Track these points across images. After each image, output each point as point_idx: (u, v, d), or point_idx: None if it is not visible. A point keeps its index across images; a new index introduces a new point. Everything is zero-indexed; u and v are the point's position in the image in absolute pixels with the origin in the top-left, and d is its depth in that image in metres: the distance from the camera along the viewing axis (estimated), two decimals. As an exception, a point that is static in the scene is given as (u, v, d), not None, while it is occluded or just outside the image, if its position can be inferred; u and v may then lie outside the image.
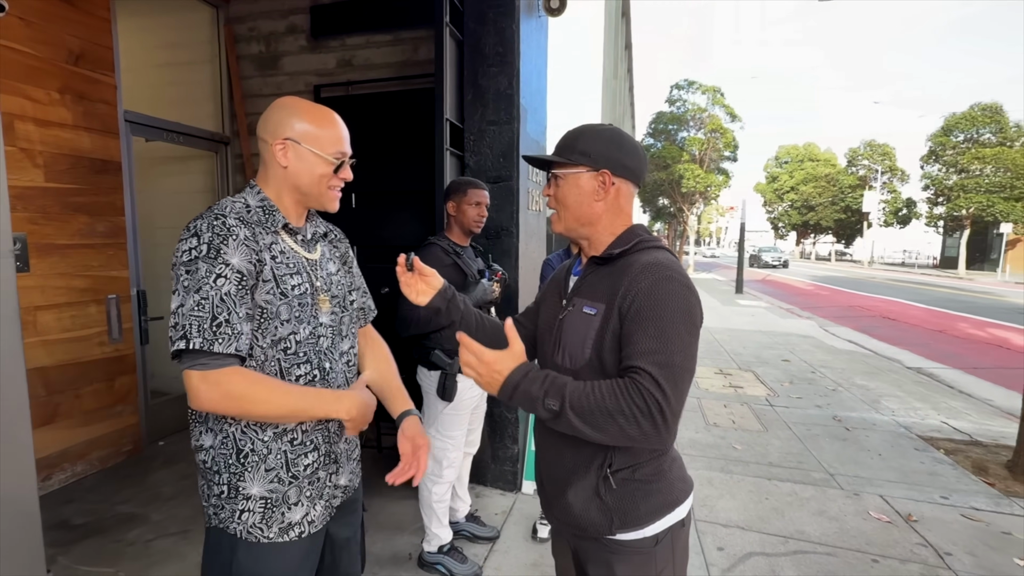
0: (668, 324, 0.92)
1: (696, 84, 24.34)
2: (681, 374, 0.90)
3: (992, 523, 2.69)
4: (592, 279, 1.08)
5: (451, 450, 2.13)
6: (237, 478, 1.00)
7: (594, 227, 1.08)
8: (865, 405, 4.70)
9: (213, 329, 0.90)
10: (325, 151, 1.04)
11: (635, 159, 1.08)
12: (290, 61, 3.60)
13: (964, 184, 26.72)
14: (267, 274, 0.99)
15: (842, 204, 35.89)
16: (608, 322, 1.00)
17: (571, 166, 1.06)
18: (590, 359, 1.02)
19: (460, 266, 2.05)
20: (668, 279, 0.96)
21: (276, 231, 1.04)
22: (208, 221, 0.95)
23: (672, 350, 0.90)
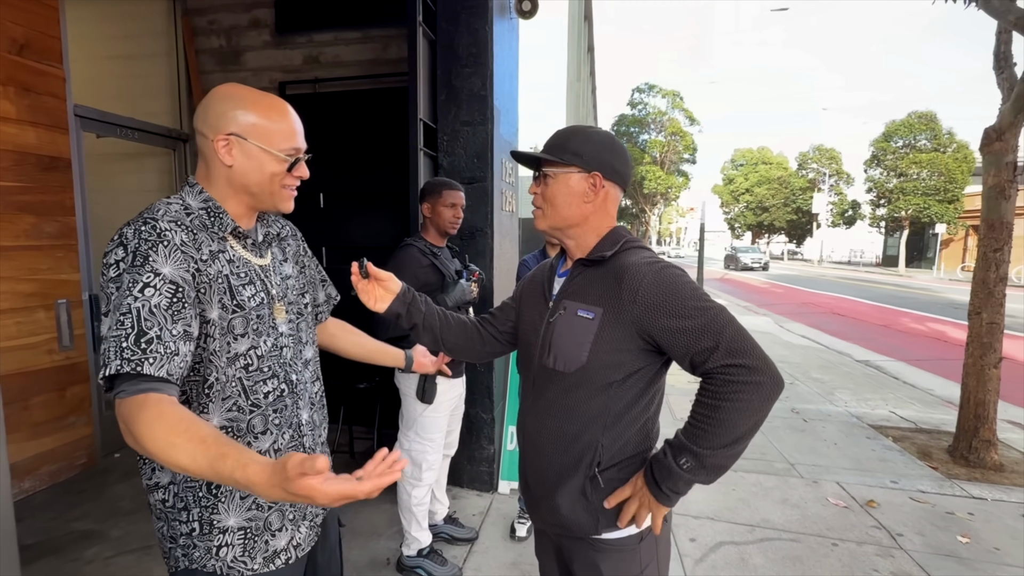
0: (689, 298, 0.95)
1: (656, 88, 24.96)
2: (731, 324, 0.93)
3: (937, 504, 2.89)
4: (582, 281, 1.07)
5: (430, 452, 2.11)
6: (210, 511, 0.91)
7: (580, 228, 1.08)
8: (821, 397, 4.95)
9: (141, 346, 0.75)
10: (276, 147, 0.92)
11: (625, 164, 1.09)
12: (253, 56, 3.50)
13: (903, 187, 28.40)
14: (218, 286, 0.89)
15: (793, 205, 37.53)
16: (607, 325, 1.00)
17: (562, 165, 1.05)
18: (588, 361, 1.01)
19: (438, 267, 2.04)
20: (663, 269, 0.99)
21: (224, 236, 0.93)
22: (135, 227, 0.83)
23: (713, 314, 0.93)
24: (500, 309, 1.29)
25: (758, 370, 0.89)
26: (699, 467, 0.93)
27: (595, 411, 1.03)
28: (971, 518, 2.75)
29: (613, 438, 1.04)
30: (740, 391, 0.89)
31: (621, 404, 1.03)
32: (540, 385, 1.10)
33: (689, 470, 0.93)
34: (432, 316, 1.22)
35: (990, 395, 3.42)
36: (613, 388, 1.02)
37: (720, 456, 0.92)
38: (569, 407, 1.05)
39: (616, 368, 1.01)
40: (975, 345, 3.50)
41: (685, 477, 0.94)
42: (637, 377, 1.03)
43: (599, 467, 1.04)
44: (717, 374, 0.91)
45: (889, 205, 29.46)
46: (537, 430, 1.10)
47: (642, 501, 1.00)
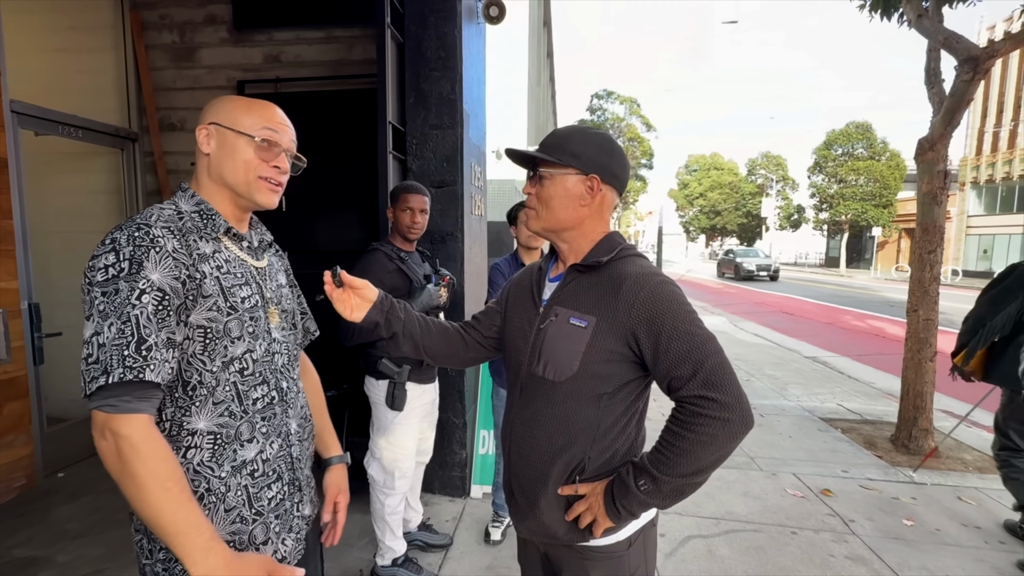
0: (682, 321, 0.94)
1: (614, 94, 25.53)
2: (715, 355, 0.91)
3: (883, 491, 3.08)
4: (575, 288, 1.04)
5: (403, 460, 2.07)
6: None
7: (575, 231, 1.06)
8: (775, 393, 5.18)
9: (143, 353, 0.77)
10: (247, 129, 0.92)
11: (623, 168, 1.07)
12: (209, 54, 3.36)
13: (843, 193, 30.16)
14: (208, 288, 0.87)
15: (744, 209, 39.22)
16: (601, 335, 0.97)
17: (560, 166, 1.02)
18: (579, 371, 0.99)
19: (405, 272, 2.00)
20: (663, 283, 0.98)
21: (217, 237, 0.93)
22: (129, 232, 0.82)
23: (700, 341, 0.92)
24: (484, 314, 1.25)
25: (729, 407, 0.88)
26: (655, 491, 0.92)
27: (585, 423, 1.01)
28: (914, 502, 2.95)
29: (601, 450, 1.02)
30: (706, 425, 0.88)
31: (611, 417, 1.01)
32: (528, 393, 1.07)
33: (646, 492, 0.93)
34: (412, 323, 1.17)
35: (927, 387, 3.69)
36: (603, 400, 1.00)
37: (678, 484, 0.91)
38: (558, 417, 1.02)
39: (607, 380, 0.99)
40: (913, 340, 3.76)
41: (640, 498, 0.93)
42: (627, 390, 1.01)
43: (581, 475, 1.02)
44: (688, 403, 0.91)
45: (831, 210, 31.19)
46: (525, 439, 1.07)
47: (592, 506, 0.99)
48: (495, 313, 1.23)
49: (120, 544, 2.33)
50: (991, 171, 26.81)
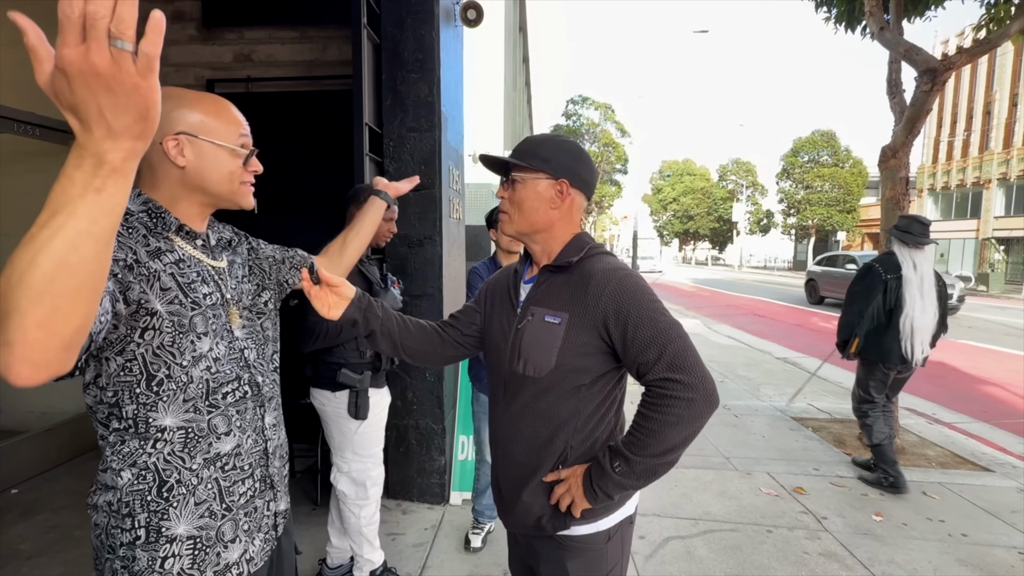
0: (646, 309, 0.99)
1: (589, 100, 25.82)
2: (679, 340, 0.97)
3: (853, 487, 3.16)
4: (549, 287, 1.10)
5: (372, 468, 2.00)
6: (159, 517, 0.85)
7: (547, 233, 1.11)
8: (748, 393, 5.28)
9: None
10: (230, 141, 0.91)
11: (591, 174, 1.13)
12: (177, 51, 3.26)
13: (809, 198, 31.22)
14: (167, 282, 0.84)
15: (716, 214, 40.11)
16: (574, 329, 1.03)
17: (531, 171, 1.07)
18: (556, 366, 1.04)
19: (364, 273, 1.94)
20: (627, 276, 1.04)
21: (168, 236, 0.89)
22: None
23: (663, 327, 0.97)
24: (463, 312, 1.27)
25: (692, 387, 0.93)
26: (629, 471, 0.97)
27: (567, 414, 1.06)
28: (882, 498, 3.03)
29: (582, 439, 1.07)
30: (672, 406, 0.93)
31: (591, 407, 1.06)
32: (511, 391, 1.11)
33: (621, 473, 0.97)
34: (390, 321, 1.18)
35: (892, 386, 3.81)
36: (582, 391, 1.05)
37: (650, 464, 0.96)
38: (541, 411, 1.07)
39: (584, 372, 1.04)
40: (879, 341, 3.88)
41: (615, 479, 0.98)
42: (604, 380, 1.06)
43: (565, 464, 1.07)
44: (655, 386, 0.96)
45: (798, 215, 32.23)
46: (510, 435, 1.11)
47: (571, 486, 1.04)
48: (474, 312, 1.26)
49: (78, 564, 2.22)
50: (946, 178, 28.13)
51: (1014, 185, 24.66)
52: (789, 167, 32.83)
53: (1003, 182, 25.03)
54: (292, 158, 3.22)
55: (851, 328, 3.16)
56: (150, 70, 0.51)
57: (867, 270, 3.18)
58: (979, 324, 10.30)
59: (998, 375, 6.48)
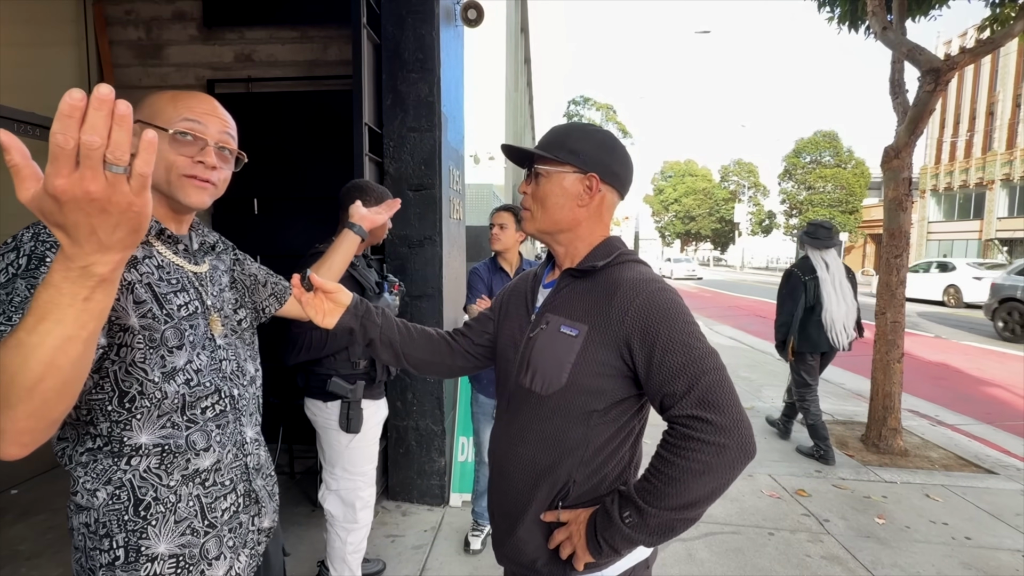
0: (679, 332, 0.85)
1: (591, 100, 25.83)
2: (715, 372, 0.83)
3: (855, 490, 3.14)
4: (568, 294, 0.98)
5: (363, 488, 1.87)
6: (138, 536, 0.82)
7: (571, 233, 0.99)
8: (750, 395, 5.26)
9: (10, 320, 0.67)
10: (164, 123, 0.84)
11: (625, 168, 1.00)
12: (177, 51, 3.26)
13: (811, 199, 31.17)
14: (140, 293, 0.81)
15: (717, 215, 40.05)
16: (592, 345, 0.90)
17: (557, 164, 0.96)
18: (567, 384, 0.91)
19: (356, 278, 1.83)
20: (661, 290, 0.90)
21: (148, 240, 0.86)
22: (35, 230, 0.74)
23: (697, 355, 0.83)
24: (477, 320, 1.18)
25: (725, 431, 0.78)
26: (641, 524, 0.82)
27: (573, 442, 0.93)
28: (884, 500, 3.02)
29: (589, 474, 0.94)
30: (698, 450, 0.78)
31: (602, 437, 0.93)
32: (515, 406, 1.00)
33: (631, 525, 0.83)
34: (391, 329, 1.08)
35: (895, 387, 3.79)
36: (594, 418, 0.92)
37: (666, 518, 0.81)
38: (545, 434, 0.95)
39: (598, 395, 0.91)
40: (881, 343, 3.86)
41: (624, 532, 0.83)
42: (621, 409, 0.93)
43: (564, 501, 0.94)
44: (680, 424, 0.82)
45: (800, 215, 32.17)
46: (508, 457, 1.00)
47: (572, 535, 0.91)
48: (487, 320, 1.16)
49: (78, 564, 2.21)
50: (949, 179, 28.05)
51: (1017, 186, 24.60)
52: (791, 168, 32.79)
53: (1006, 183, 24.96)
54: (293, 158, 3.22)
55: (787, 328, 3.58)
56: (143, 188, 0.51)
57: (789, 275, 3.66)
58: (980, 326, 10.25)
59: (1002, 376, 6.45)
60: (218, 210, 3.31)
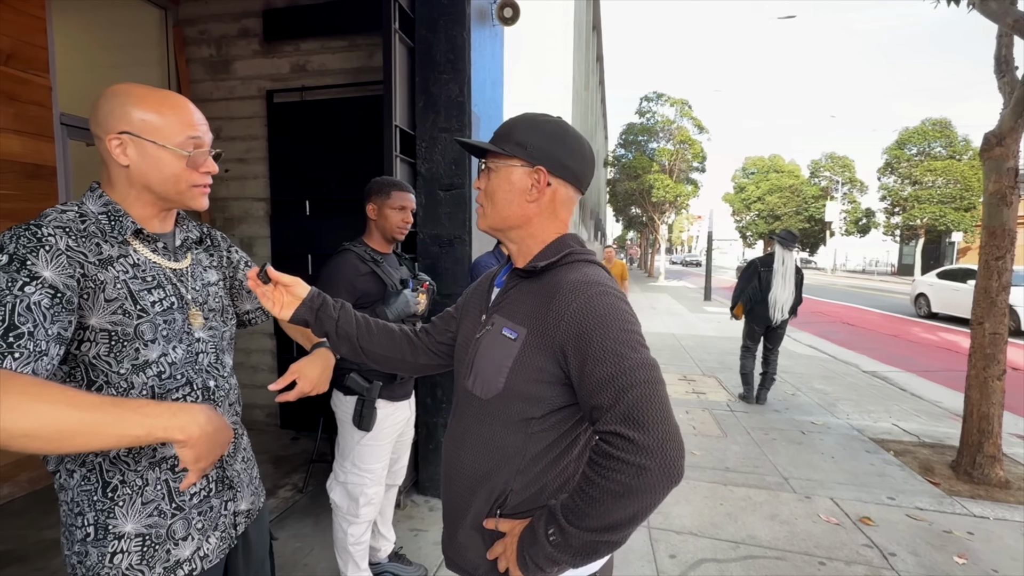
0: (613, 340, 0.80)
1: (664, 96, 24.88)
2: (645, 385, 0.76)
3: (935, 522, 2.77)
4: (514, 295, 0.95)
5: (369, 486, 1.88)
6: (106, 515, 0.87)
7: (522, 231, 0.95)
8: (822, 409, 4.81)
9: (9, 340, 0.71)
10: (172, 142, 0.89)
11: (578, 160, 0.95)
12: (242, 65, 3.53)
13: (918, 195, 27.97)
14: (112, 292, 0.85)
15: (806, 214, 37.08)
16: (529, 350, 0.87)
17: (504, 157, 0.92)
18: (504, 389, 0.89)
19: (379, 275, 1.84)
20: (601, 294, 0.84)
21: (124, 240, 0.90)
22: (15, 232, 0.78)
23: (628, 366, 0.77)
24: (441, 318, 1.16)
25: (647, 451, 0.71)
26: (564, 544, 0.78)
27: (510, 450, 0.90)
28: (970, 537, 2.63)
29: (526, 483, 0.90)
30: (618, 470, 0.73)
31: (540, 446, 0.89)
32: (459, 409, 0.99)
33: (554, 545, 0.79)
34: (348, 323, 1.08)
35: (994, 408, 3.30)
36: (532, 426, 0.88)
37: (587, 539, 0.76)
38: (484, 440, 0.92)
39: (535, 402, 0.87)
40: (978, 356, 3.38)
41: (547, 551, 0.79)
42: (560, 416, 0.89)
43: (502, 508, 0.90)
44: (601, 440, 0.77)
45: (904, 213, 29.01)
46: (451, 460, 0.98)
47: (507, 546, 0.87)
48: (451, 319, 1.14)
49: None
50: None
51: None
52: (893, 161, 29.60)
53: None
54: (341, 161, 3.38)
55: (737, 298, 4.89)
56: None
57: (749, 264, 4.88)
58: None
59: None
60: (275, 212, 3.54)
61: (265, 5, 3.42)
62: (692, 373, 6.17)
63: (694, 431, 4.15)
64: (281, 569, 2.20)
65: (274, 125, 3.48)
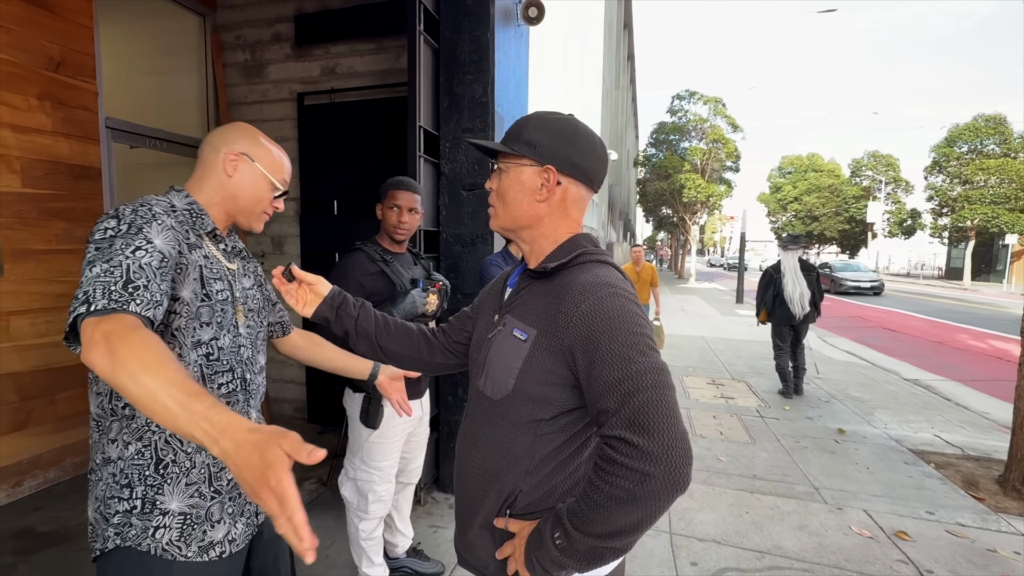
0: (620, 343, 0.78)
1: (697, 95, 24.39)
2: (652, 390, 0.75)
3: (977, 540, 2.62)
4: (526, 296, 0.95)
5: (378, 483, 1.88)
6: (155, 491, 0.93)
7: (534, 230, 0.95)
8: (857, 417, 4.63)
9: (128, 291, 0.78)
10: (274, 176, 1.10)
11: (588, 158, 0.94)
12: (275, 69, 3.63)
13: (968, 195, 26.58)
14: (194, 272, 0.97)
15: (846, 215, 35.72)
16: (538, 351, 0.87)
17: (514, 157, 0.93)
18: (514, 390, 0.89)
19: (388, 274, 1.85)
20: (611, 296, 0.83)
21: (201, 235, 1.03)
22: (133, 206, 0.91)
23: (636, 370, 0.76)
24: (457, 318, 1.18)
25: (652, 457, 0.70)
26: (570, 549, 0.77)
27: (519, 451, 0.90)
28: (1017, 557, 2.48)
29: (535, 485, 0.89)
30: (621, 476, 0.71)
31: (549, 448, 0.89)
32: (472, 408, 1.00)
33: (560, 549, 0.78)
34: (367, 321, 1.12)
35: (1046, 421, 3.11)
36: (542, 427, 0.88)
37: (591, 544, 0.75)
38: (494, 440, 0.93)
39: (545, 404, 0.87)
40: (1028, 365, 3.18)
41: (553, 554, 0.79)
42: (570, 419, 0.89)
43: (512, 509, 0.90)
44: (606, 445, 0.76)
45: (953, 214, 27.62)
46: (463, 458, 1.00)
47: (516, 548, 0.87)
48: (467, 318, 1.15)
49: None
50: None
51: None
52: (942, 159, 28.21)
53: None
54: (367, 161, 3.44)
55: (760, 306, 5.34)
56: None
57: (764, 273, 5.34)
58: None
59: None
60: (304, 211, 3.63)
61: (297, 10, 3.51)
62: (721, 377, 6.03)
63: (721, 436, 4.05)
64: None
65: (304, 127, 3.57)
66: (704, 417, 4.53)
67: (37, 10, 2.64)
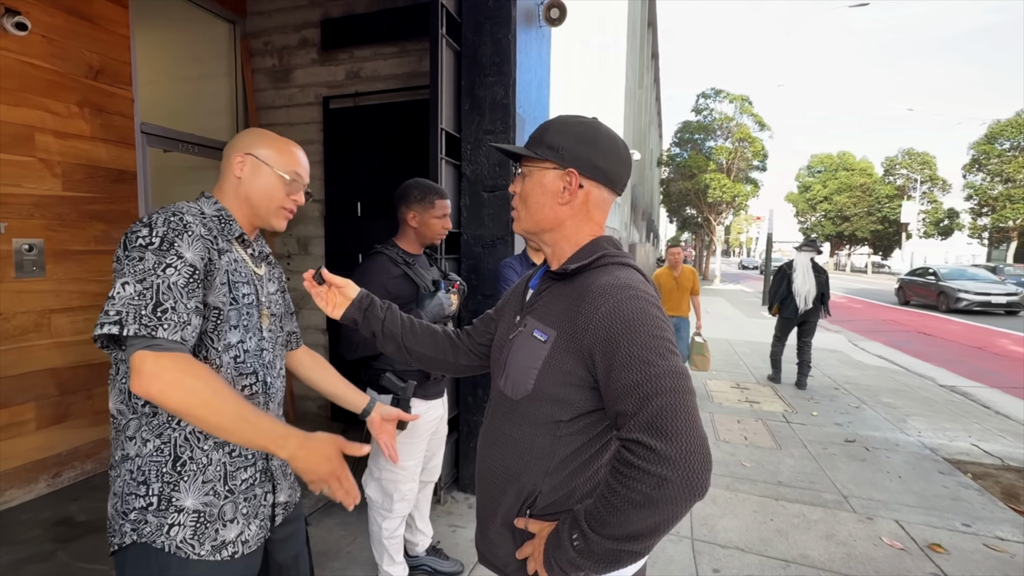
0: (640, 346, 0.78)
1: (723, 93, 23.97)
2: (670, 394, 0.74)
3: (1017, 554, 2.51)
4: (547, 297, 0.95)
5: (403, 482, 1.92)
6: (171, 488, 0.95)
7: (556, 233, 0.96)
8: (889, 424, 4.48)
9: (157, 315, 0.86)
10: (280, 169, 1.10)
11: (611, 161, 0.94)
12: (301, 74, 3.71)
13: (1010, 194, 25.52)
14: (222, 277, 1.00)
15: (879, 215, 34.65)
16: (558, 352, 0.87)
17: (537, 161, 0.94)
18: (533, 391, 0.90)
19: (411, 277, 1.87)
20: (631, 298, 0.83)
21: (230, 240, 1.06)
22: (165, 216, 0.94)
23: (655, 373, 0.76)
24: (481, 320, 1.20)
25: (670, 462, 0.70)
26: (587, 551, 0.78)
27: (539, 451, 0.91)
28: (1060, 574, 2.37)
29: (555, 486, 0.90)
30: (639, 480, 0.71)
31: (569, 449, 0.89)
32: (492, 408, 1.02)
33: (578, 550, 0.79)
34: (394, 323, 1.15)
35: (1093, 432, 2.96)
36: (561, 429, 0.89)
37: (608, 547, 0.76)
38: (514, 440, 0.94)
39: (564, 405, 0.88)
40: (1074, 373, 3.04)
41: (570, 555, 0.79)
42: (590, 420, 0.89)
43: (532, 509, 0.91)
44: (624, 448, 0.76)
45: (993, 214, 26.54)
46: (483, 458, 1.01)
47: (536, 548, 0.88)
48: (490, 320, 1.17)
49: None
50: None
51: None
52: (982, 157, 27.14)
53: None
54: (390, 163, 3.48)
55: (773, 299, 5.73)
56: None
57: (779, 269, 5.76)
58: None
59: None
60: (329, 212, 3.70)
61: (323, 15, 3.58)
62: (746, 381, 5.91)
63: (746, 442, 3.98)
64: (325, 555, 2.30)
65: (329, 130, 3.64)
66: (728, 422, 4.45)
67: (77, 21, 2.76)
